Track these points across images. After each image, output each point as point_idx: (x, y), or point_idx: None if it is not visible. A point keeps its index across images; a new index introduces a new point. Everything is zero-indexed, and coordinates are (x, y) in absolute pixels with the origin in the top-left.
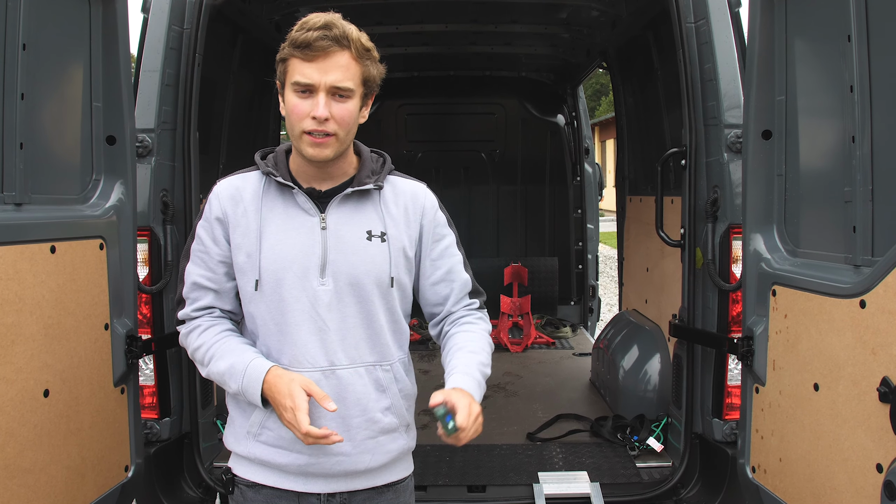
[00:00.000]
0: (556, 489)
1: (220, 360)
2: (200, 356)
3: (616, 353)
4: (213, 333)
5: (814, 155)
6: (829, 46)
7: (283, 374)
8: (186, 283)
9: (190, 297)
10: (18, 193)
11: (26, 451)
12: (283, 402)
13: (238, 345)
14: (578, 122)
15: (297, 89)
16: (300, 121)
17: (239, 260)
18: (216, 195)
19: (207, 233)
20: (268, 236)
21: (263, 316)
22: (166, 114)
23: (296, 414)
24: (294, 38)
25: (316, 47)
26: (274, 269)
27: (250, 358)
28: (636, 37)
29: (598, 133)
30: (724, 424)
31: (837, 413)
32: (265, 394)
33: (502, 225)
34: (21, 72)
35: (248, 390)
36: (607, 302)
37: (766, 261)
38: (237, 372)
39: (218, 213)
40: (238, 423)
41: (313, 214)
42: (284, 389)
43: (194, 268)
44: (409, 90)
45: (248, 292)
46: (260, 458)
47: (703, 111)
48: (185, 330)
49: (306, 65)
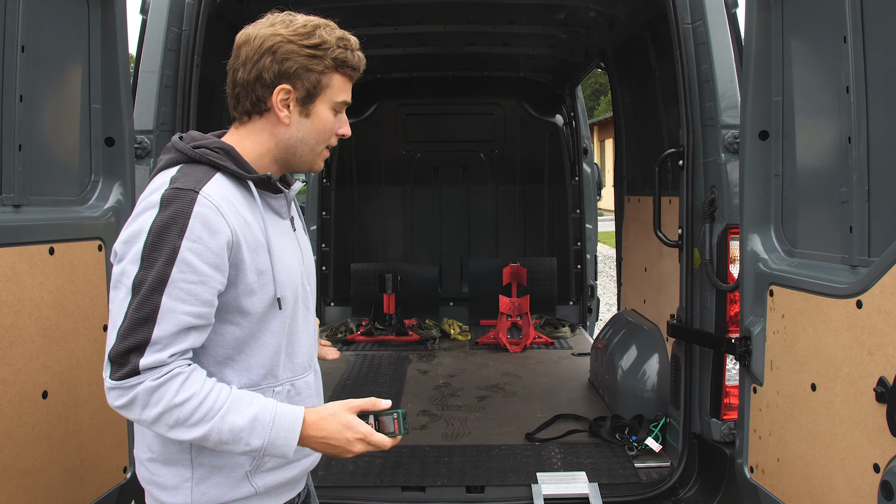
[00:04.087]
0: (555, 489)
1: (230, 415)
2: (187, 414)
3: (614, 353)
4: (201, 383)
5: (810, 155)
6: (826, 47)
7: (321, 412)
8: (163, 325)
9: (163, 343)
10: (17, 195)
11: (25, 453)
12: (346, 437)
13: (245, 394)
14: (577, 122)
15: (337, 106)
16: (329, 137)
17: (248, 280)
18: (214, 209)
19: (203, 257)
20: (274, 248)
21: (276, 333)
22: (165, 115)
23: (372, 439)
24: (344, 57)
25: (360, 70)
26: (288, 281)
27: (273, 405)
28: (634, 37)
29: (596, 133)
30: (722, 424)
31: (834, 413)
32: (302, 441)
33: (501, 225)
34: (20, 73)
35: (278, 442)
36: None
37: (763, 261)
38: (262, 425)
39: (226, 232)
40: (229, 466)
41: (285, 217)
42: (336, 427)
43: (178, 304)
44: (407, 90)
45: (258, 313)
46: (269, 486)
47: (701, 111)
48: (151, 382)
49: (348, 85)
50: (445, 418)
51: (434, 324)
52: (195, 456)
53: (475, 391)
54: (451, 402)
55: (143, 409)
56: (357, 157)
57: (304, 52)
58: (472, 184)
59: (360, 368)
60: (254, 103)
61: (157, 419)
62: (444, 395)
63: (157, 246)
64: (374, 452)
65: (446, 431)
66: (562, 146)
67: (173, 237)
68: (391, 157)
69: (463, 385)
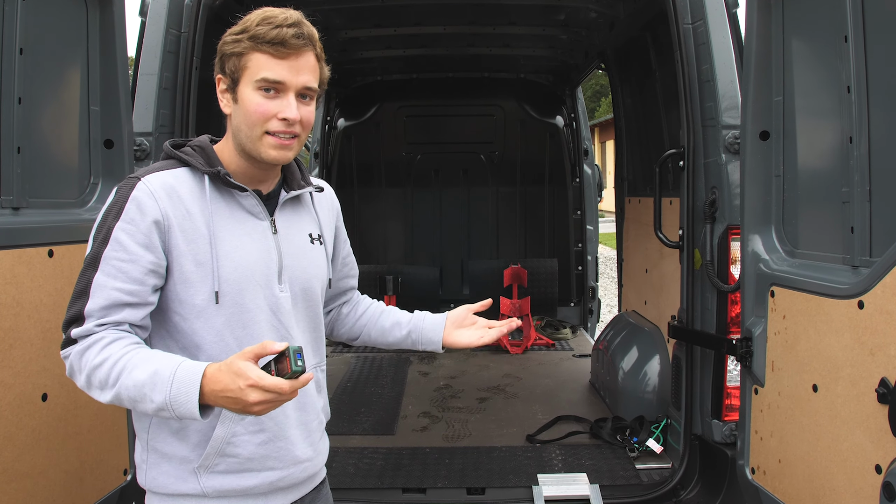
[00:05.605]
0: (556, 491)
1: (135, 371)
2: (104, 374)
3: (615, 354)
4: (122, 346)
5: (811, 156)
6: (827, 47)
7: (221, 365)
8: (94, 299)
9: (95, 315)
10: (16, 197)
11: (24, 455)
12: (238, 386)
13: (157, 353)
14: (577, 123)
15: (263, 86)
16: (264, 121)
17: (185, 269)
18: (149, 193)
19: (134, 237)
20: (222, 242)
21: (219, 330)
22: (164, 117)
23: (263, 383)
24: (262, 32)
25: (291, 45)
26: (235, 278)
27: (178, 361)
28: (634, 38)
29: (597, 134)
30: (723, 425)
31: (836, 414)
32: (206, 398)
33: (502, 226)
34: (18, 76)
35: (180, 398)
36: (607, 303)
37: (764, 262)
38: (162, 379)
39: (155, 213)
40: (178, 458)
41: (263, 218)
42: (229, 377)
43: (109, 280)
44: (407, 92)
45: (198, 306)
46: (219, 490)
47: (701, 112)
48: (78, 348)
49: (276, 62)
50: (446, 420)
51: None
52: (150, 439)
53: (476, 393)
54: (451, 404)
55: (78, 375)
56: (357, 158)
57: (229, 39)
58: (472, 185)
59: (360, 370)
60: (221, 104)
61: (87, 385)
62: (444, 397)
63: (100, 227)
64: (374, 453)
65: (447, 433)
66: (562, 147)
67: (111, 219)
68: (391, 158)
69: (464, 387)
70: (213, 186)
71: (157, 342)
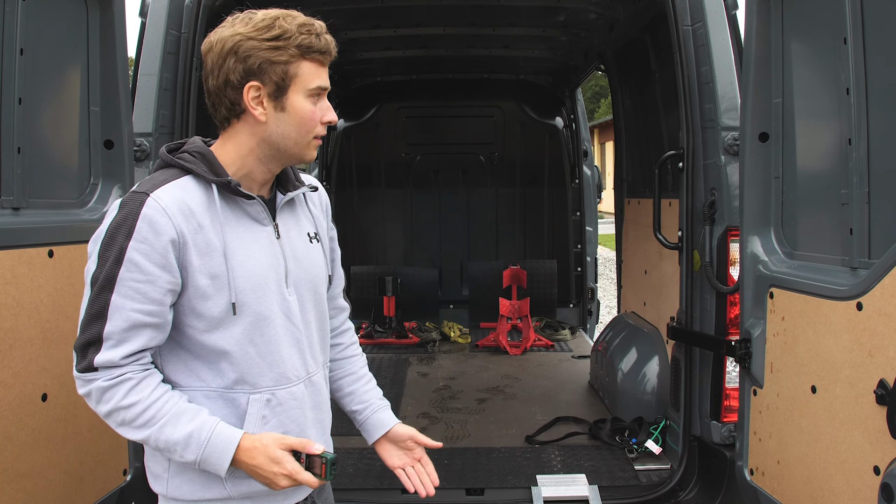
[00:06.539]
0: (555, 492)
1: (167, 427)
2: (134, 415)
3: (615, 355)
4: (151, 389)
5: (811, 157)
6: (826, 48)
7: (257, 442)
8: (113, 321)
9: (115, 339)
10: (16, 198)
11: (24, 456)
12: (273, 471)
13: (189, 407)
14: (577, 124)
15: (314, 94)
16: (313, 127)
17: (199, 284)
18: (161, 210)
19: (149, 257)
20: (234, 253)
21: (239, 340)
22: (164, 118)
23: (298, 477)
24: (308, 42)
25: (331, 53)
26: (250, 287)
27: (212, 424)
28: (634, 39)
29: (597, 135)
30: (722, 427)
31: (835, 415)
32: (235, 463)
33: (501, 227)
34: (19, 76)
35: (211, 459)
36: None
37: (763, 263)
38: (197, 441)
39: (170, 232)
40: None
41: (267, 224)
42: (265, 460)
43: (127, 302)
44: (407, 93)
45: (215, 318)
46: (245, 493)
47: (701, 114)
48: (104, 382)
49: (322, 70)
50: (445, 421)
51: (434, 326)
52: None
53: (475, 394)
54: (450, 405)
55: (97, 404)
56: (357, 159)
57: (266, 45)
58: (472, 186)
59: None
60: (229, 108)
61: (107, 415)
62: (443, 398)
63: (109, 246)
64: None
65: (446, 434)
66: (562, 149)
67: (122, 238)
68: (391, 159)
69: (463, 388)
70: (220, 195)
71: (169, 355)
